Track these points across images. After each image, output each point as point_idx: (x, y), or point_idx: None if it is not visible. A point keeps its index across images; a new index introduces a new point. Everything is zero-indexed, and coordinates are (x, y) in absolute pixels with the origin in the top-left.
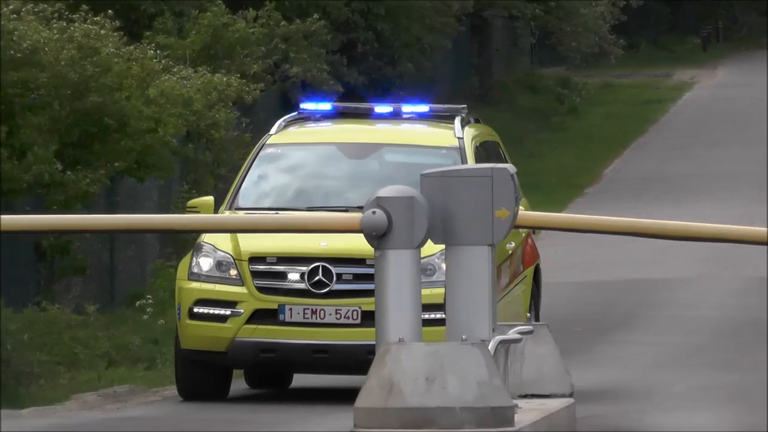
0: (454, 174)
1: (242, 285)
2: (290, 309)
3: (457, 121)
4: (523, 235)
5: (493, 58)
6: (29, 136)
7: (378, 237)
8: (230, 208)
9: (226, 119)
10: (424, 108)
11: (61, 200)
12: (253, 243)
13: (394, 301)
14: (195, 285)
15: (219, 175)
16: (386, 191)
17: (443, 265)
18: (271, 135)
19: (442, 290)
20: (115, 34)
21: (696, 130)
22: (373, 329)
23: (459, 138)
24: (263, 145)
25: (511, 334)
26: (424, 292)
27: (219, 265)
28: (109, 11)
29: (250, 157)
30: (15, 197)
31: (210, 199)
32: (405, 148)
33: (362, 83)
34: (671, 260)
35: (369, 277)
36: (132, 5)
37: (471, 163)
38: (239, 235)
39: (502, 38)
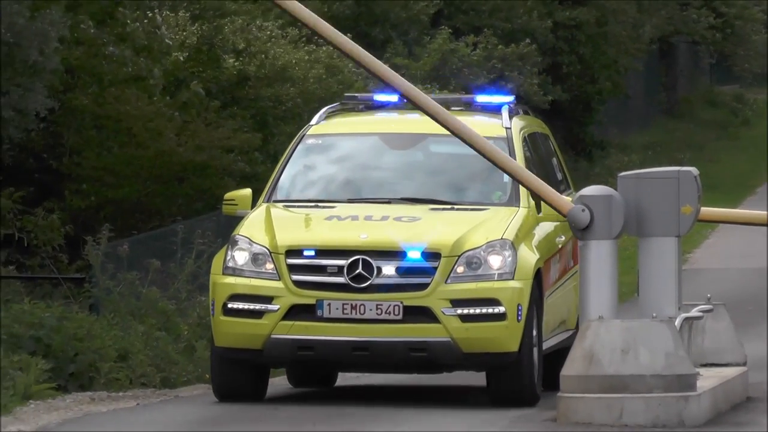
0: (647, 175)
1: (279, 279)
2: (329, 304)
3: (505, 111)
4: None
5: (678, 78)
6: (282, 143)
7: (581, 230)
8: (268, 201)
9: None
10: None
11: None
12: (290, 236)
13: (594, 284)
14: (229, 279)
15: None
16: (589, 190)
17: (490, 259)
18: (312, 125)
19: (488, 284)
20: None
21: None
22: (415, 326)
23: (506, 128)
24: (303, 135)
25: (694, 312)
26: (469, 286)
27: (255, 258)
28: (349, 35)
29: (289, 148)
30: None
31: (248, 191)
32: (450, 138)
33: (565, 99)
34: None
35: (411, 271)
36: (366, 32)
37: (518, 154)
38: (276, 228)
39: (686, 60)
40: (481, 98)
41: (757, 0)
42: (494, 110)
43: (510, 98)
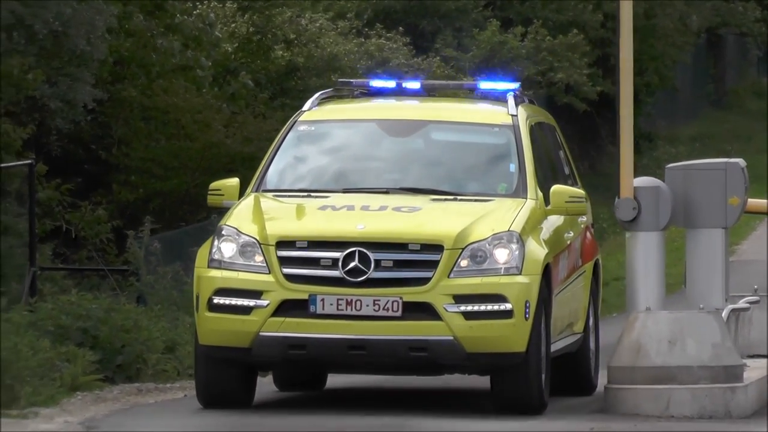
0: (694, 167)
1: (269, 273)
2: (322, 299)
3: (510, 98)
4: (582, 227)
5: (726, 69)
6: None
7: (628, 221)
8: (257, 190)
9: None
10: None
11: None
12: (281, 226)
13: (642, 276)
14: (215, 273)
15: None
16: (636, 182)
17: (496, 252)
18: (304, 111)
19: (494, 279)
20: (405, 48)
21: None
22: (415, 323)
23: (512, 115)
24: (295, 122)
25: (741, 303)
26: (473, 281)
27: (243, 250)
28: (399, 28)
29: (279, 135)
30: None
31: (235, 180)
32: (453, 125)
33: (614, 91)
34: None
35: (411, 264)
36: (415, 24)
37: (526, 142)
38: (266, 218)
39: (734, 52)
40: (485, 84)
41: None
42: (498, 98)
43: (515, 85)
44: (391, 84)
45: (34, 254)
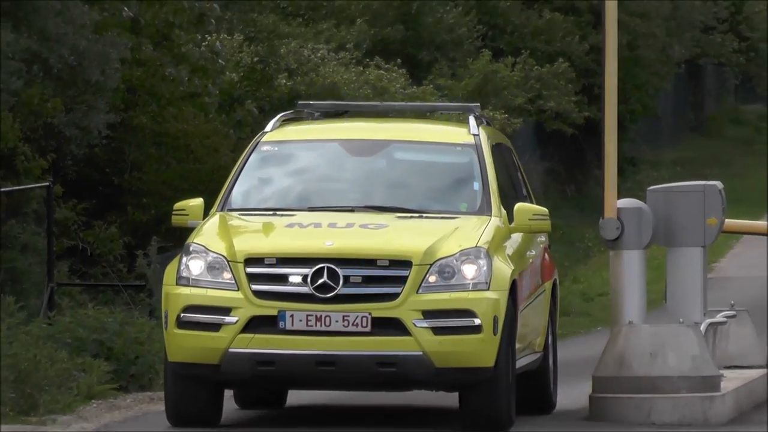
0: (674, 189)
1: (237, 289)
2: (291, 316)
3: (472, 118)
4: (542, 246)
5: (705, 97)
6: None
7: (612, 240)
8: (222, 209)
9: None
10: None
11: None
12: (249, 243)
13: (625, 291)
14: (184, 290)
15: None
16: (620, 203)
17: (464, 268)
18: (266, 132)
19: (462, 295)
20: (402, 78)
21: None
22: (384, 338)
23: (474, 135)
24: (258, 143)
25: (719, 317)
26: (442, 296)
27: (211, 268)
28: (398, 60)
29: (243, 156)
30: None
31: (199, 200)
32: (415, 145)
33: (600, 117)
34: None
35: (380, 280)
36: (413, 54)
37: (489, 161)
38: (233, 236)
39: (712, 81)
40: (444, 105)
41: None
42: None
43: (476, 105)
44: (357, 104)
45: (52, 271)
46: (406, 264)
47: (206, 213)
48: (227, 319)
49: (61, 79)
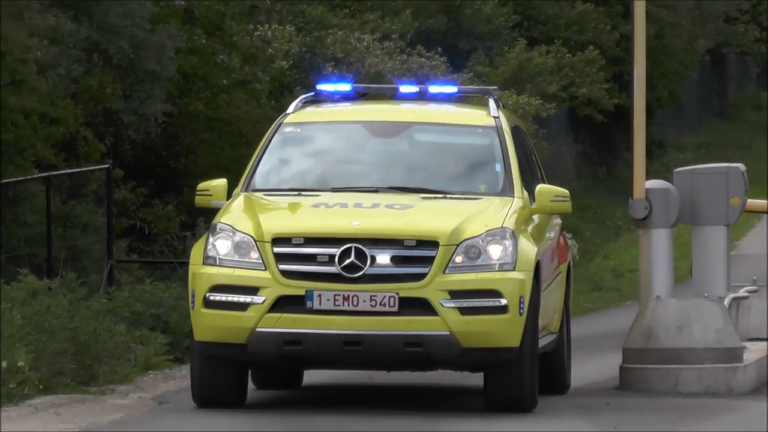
0: (699, 171)
1: (264, 269)
2: (319, 295)
3: (491, 101)
4: (557, 228)
5: (728, 85)
6: None
7: (641, 219)
8: (246, 190)
9: (527, 130)
10: (452, 89)
11: None
12: (276, 223)
13: (652, 268)
14: (211, 270)
15: None
16: (648, 184)
17: (490, 249)
18: (288, 114)
19: (489, 275)
20: (442, 65)
21: None
22: (411, 318)
23: (495, 117)
24: (280, 124)
25: (742, 292)
26: (469, 276)
27: (238, 247)
28: (438, 48)
29: (266, 137)
30: None
31: (223, 181)
32: (437, 126)
33: (629, 104)
34: None
35: (408, 260)
36: (454, 44)
37: (510, 143)
38: (260, 216)
39: (735, 69)
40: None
41: None
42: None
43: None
44: (377, 86)
45: (112, 248)
46: (433, 244)
47: (229, 194)
48: (255, 298)
49: (119, 68)
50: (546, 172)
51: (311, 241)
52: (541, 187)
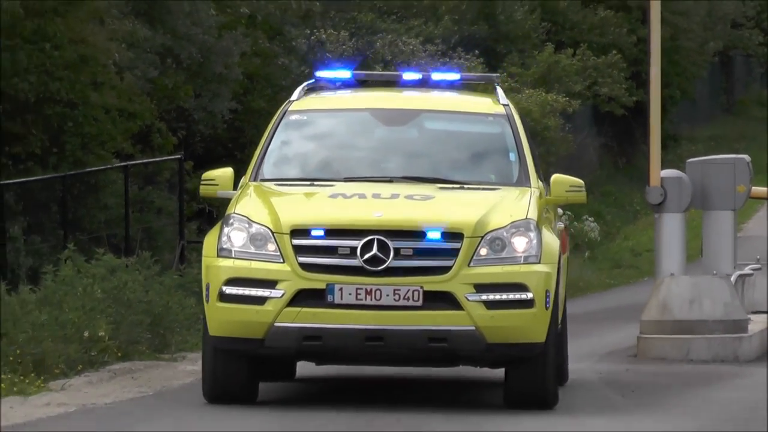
0: (709, 161)
1: (283, 262)
2: (340, 289)
3: (498, 88)
4: (561, 219)
5: (735, 83)
6: None
7: (656, 204)
8: (254, 180)
9: (554, 124)
10: (455, 76)
11: None
12: (294, 214)
13: (667, 248)
14: (227, 262)
15: (548, 162)
16: (663, 173)
17: (514, 241)
18: (293, 101)
19: (514, 268)
20: (480, 66)
21: None
22: (436, 312)
23: (505, 105)
24: (285, 111)
25: (747, 270)
26: (494, 269)
27: (254, 239)
28: (476, 51)
29: (271, 124)
30: None
31: (229, 170)
32: (447, 114)
33: (646, 100)
34: None
35: (432, 253)
36: (491, 46)
37: (521, 132)
38: (276, 206)
39: (741, 69)
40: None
41: None
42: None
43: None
44: (379, 72)
45: (183, 230)
46: (458, 236)
47: (235, 184)
48: (273, 292)
49: (190, 71)
50: (571, 162)
51: (332, 232)
52: (556, 177)
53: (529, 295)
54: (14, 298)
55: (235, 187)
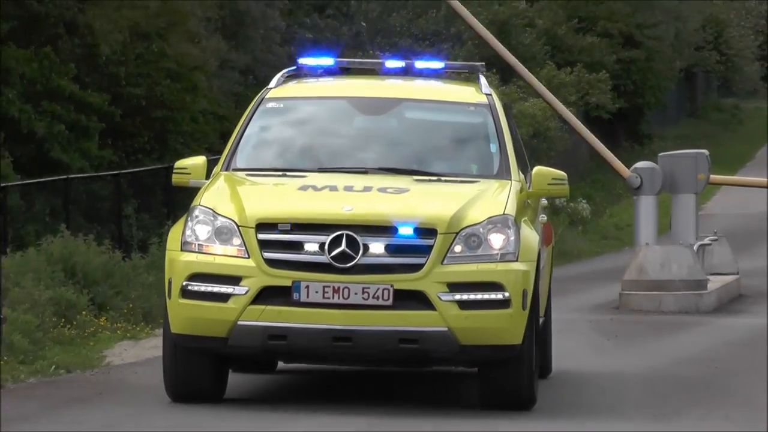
0: (676, 155)
1: (248, 257)
2: (307, 286)
3: (482, 77)
4: (545, 210)
5: (697, 93)
6: None
7: (635, 188)
8: (227, 169)
9: (554, 126)
10: (438, 64)
11: None
12: (261, 207)
13: (644, 223)
14: (190, 257)
15: (549, 156)
16: (640, 164)
17: (491, 238)
18: (270, 89)
19: (490, 266)
20: (494, 80)
21: None
22: (407, 312)
23: (487, 94)
24: (262, 99)
25: (706, 240)
26: (469, 267)
27: (219, 233)
28: (493, 69)
29: (247, 112)
30: None
31: (202, 159)
32: (428, 103)
33: (626, 107)
34: None
35: (403, 250)
36: (505, 65)
37: (504, 122)
38: (243, 199)
39: (702, 81)
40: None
41: (750, 41)
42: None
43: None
44: (360, 60)
45: None
46: (431, 232)
47: (209, 173)
48: (237, 288)
49: (246, 79)
50: (568, 156)
51: (299, 227)
52: (538, 170)
53: (506, 295)
54: (128, 263)
55: (208, 176)
